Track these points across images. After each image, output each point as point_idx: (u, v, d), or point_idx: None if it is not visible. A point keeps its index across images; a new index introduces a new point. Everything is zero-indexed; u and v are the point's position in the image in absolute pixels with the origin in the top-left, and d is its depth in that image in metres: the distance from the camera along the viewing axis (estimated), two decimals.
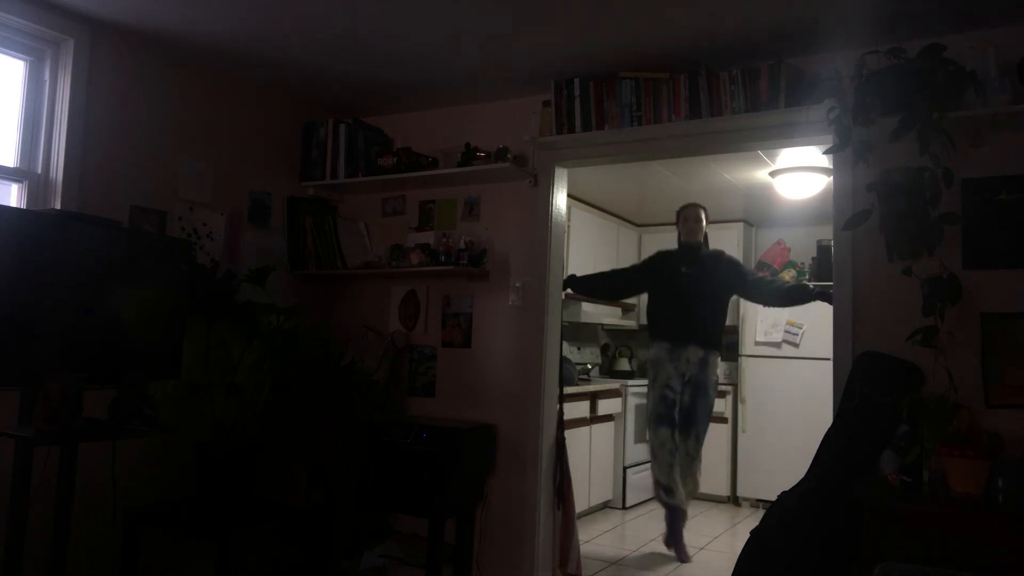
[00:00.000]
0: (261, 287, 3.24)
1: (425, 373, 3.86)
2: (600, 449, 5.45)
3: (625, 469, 5.70)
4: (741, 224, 6.39)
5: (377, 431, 3.56)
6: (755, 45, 3.02)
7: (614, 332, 6.95)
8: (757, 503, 5.90)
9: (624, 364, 6.52)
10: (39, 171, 2.98)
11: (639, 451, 5.89)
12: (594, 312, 6.08)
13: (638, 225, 6.76)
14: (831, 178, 3.40)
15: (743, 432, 6.01)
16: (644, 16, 2.85)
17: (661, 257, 4.54)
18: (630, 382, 5.89)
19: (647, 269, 4.60)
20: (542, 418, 3.54)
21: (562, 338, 3.78)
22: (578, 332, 6.34)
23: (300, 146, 4.01)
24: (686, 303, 4.33)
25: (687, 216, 4.47)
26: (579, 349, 6.34)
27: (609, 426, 5.62)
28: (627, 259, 6.54)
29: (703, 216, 4.47)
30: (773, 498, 2.86)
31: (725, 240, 6.33)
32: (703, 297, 4.33)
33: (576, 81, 3.37)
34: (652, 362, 4.45)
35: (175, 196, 3.38)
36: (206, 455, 2.96)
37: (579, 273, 5.55)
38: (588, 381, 5.73)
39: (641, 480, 5.86)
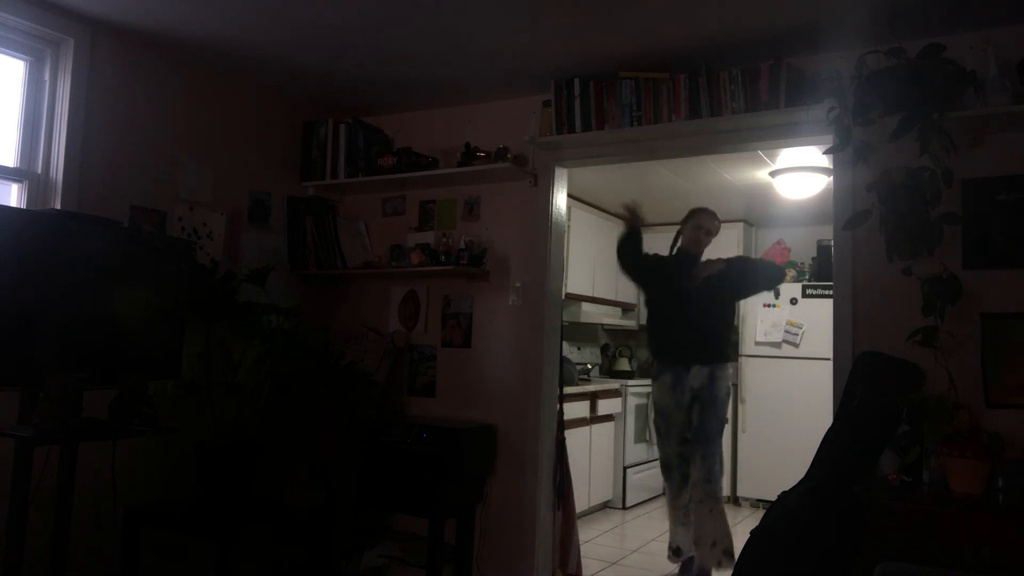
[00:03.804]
0: (261, 287, 3.23)
1: (425, 373, 3.86)
2: (600, 449, 5.45)
3: (625, 469, 5.71)
4: (741, 224, 6.39)
5: (377, 431, 3.56)
6: (755, 45, 3.02)
7: (614, 332, 6.95)
8: (757, 503, 5.90)
9: (624, 364, 6.52)
10: (39, 171, 2.98)
11: (639, 451, 5.90)
12: (594, 312, 6.08)
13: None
14: (831, 178, 3.40)
15: (743, 432, 6.01)
16: (644, 16, 2.85)
17: (660, 263, 4.09)
18: (630, 382, 5.89)
19: (653, 270, 4.10)
20: (542, 418, 3.54)
21: (562, 338, 3.78)
22: (578, 332, 6.34)
23: (300, 146, 4.01)
24: (688, 322, 3.89)
25: (699, 223, 4.01)
26: (579, 349, 6.34)
27: (609, 426, 5.62)
28: None
29: (715, 230, 4.06)
30: (773, 498, 2.85)
31: (725, 240, 6.30)
32: (708, 312, 3.90)
33: (576, 81, 3.37)
34: (656, 406, 4.04)
35: (175, 196, 3.38)
36: (206, 455, 2.96)
37: (578, 276, 5.60)
38: (588, 381, 5.73)
39: (641, 480, 5.86)
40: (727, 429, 5.94)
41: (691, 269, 3.92)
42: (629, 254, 4.07)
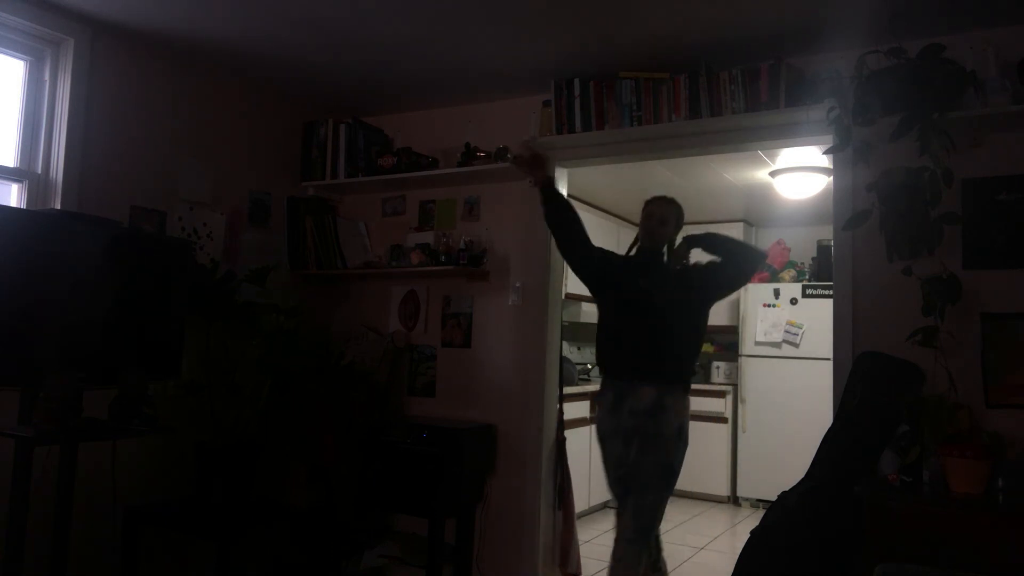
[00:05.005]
0: (261, 287, 3.24)
1: (425, 373, 3.86)
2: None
3: None
4: (741, 224, 6.39)
5: (377, 431, 3.55)
6: (755, 45, 3.02)
7: None
8: (757, 503, 5.90)
9: None
10: (39, 171, 2.98)
11: None
12: (594, 312, 6.07)
13: (638, 225, 6.75)
14: (831, 178, 3.39)
15: (743, 432, 6.01)
16: (644, 16, 2.85)
17: (611, 260, 3.26)
18: None
19: (605, 267, 3.23)
20: (542, 418, 3.54)
21: (562, 338, 3.77)
22: (578, 332, 6.34)
23: (300, 146, 4.01)
24: (643, 331, 3.00)
25: (651, 212, 3.15)
26: (579, 349, 6.34)
27: None
28: None
29: (672, 218, 3.13)
30: (773, 498, 2.85)
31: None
32: (667, 316, 2.99)
33: (576, 81, 3.37)
34: (598, 432, 3.11)
35: (175, 196, 3.38)
36: (206, 455, 2.96)
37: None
38: (588, 381, 5.73)
39: None
40: (727, 429, 6.08)
41: (649, 267, 3.12)
42: (574, 239, 3.20)
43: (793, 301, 5.93)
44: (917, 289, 2.67)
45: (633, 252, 3.20)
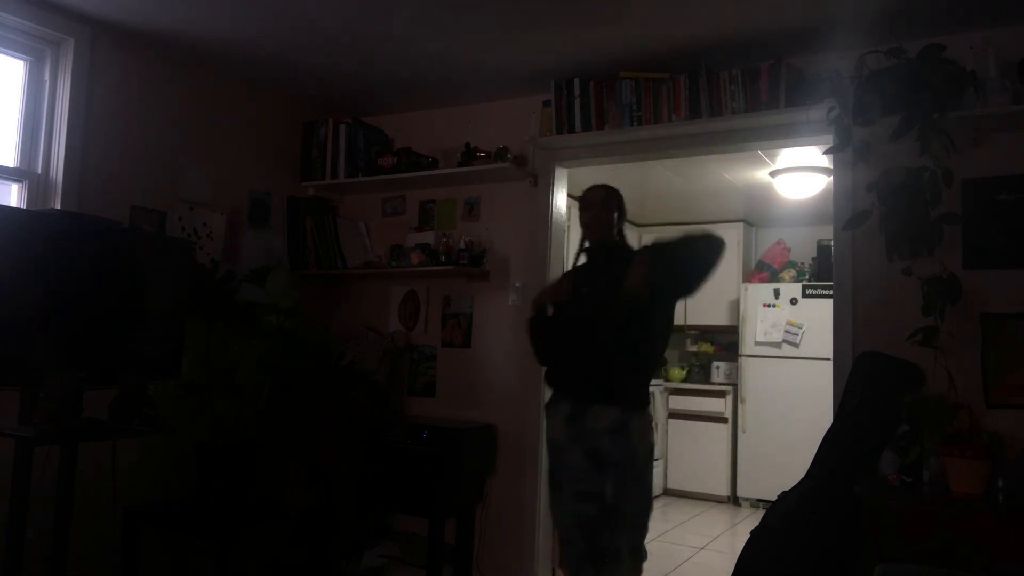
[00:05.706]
0: (261, 287, 3.23)
1: (425, 373, 3.86)
2: None
3: None
4: (741, 224, 6.39)
5: (377, 431, 3.56)
6: (755, 45, 3.02)
7: None
8: (757, 503, 5.90)
9: None
10: (39, 171, 2.98)
11: None
12: None
13: (638, 225, 6.76)
14: (831, 178, 3.40)
15: (743, 432, 6.01)
16: (644, 16, 2.85)
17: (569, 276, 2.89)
18: None
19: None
20: (542, 418, 3.53)
21: None
22: None
23: (300, 146, 4.01)
24: (585, 337, 2.61)
25: (582, 205, 2.78)
26: None
27: None
28: None
29: (601, 202, 2.74)
30: (773, 498, 2.86)
31: (725, 240, 6.32)
32: (615, 321, 2.56)
33: (576, 81, 3.37)
34: (549, 445, 2.73)
35: (175, 196, 3.38)
36: (206, 455, 2.96)
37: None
38: None
39: None
40: (727, 429, 6.08)
41: (604, 268, 2.68)
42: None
43: (793, 301, 5.93)
44: (917, 289, 2.67)
45: (583, 259, 2.81)
